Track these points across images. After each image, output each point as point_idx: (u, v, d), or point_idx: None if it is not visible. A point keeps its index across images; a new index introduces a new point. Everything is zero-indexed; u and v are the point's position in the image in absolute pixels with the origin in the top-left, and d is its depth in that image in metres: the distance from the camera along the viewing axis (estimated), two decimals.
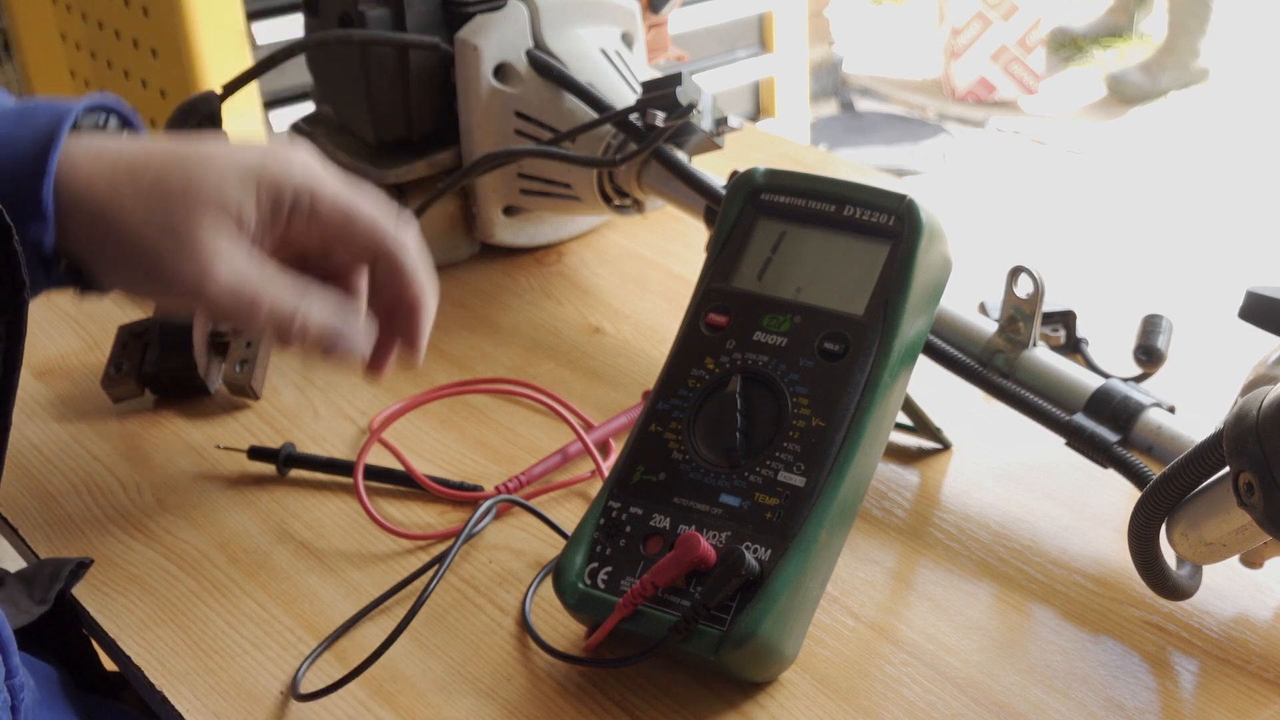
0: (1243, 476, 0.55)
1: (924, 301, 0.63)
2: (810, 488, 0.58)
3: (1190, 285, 0.93)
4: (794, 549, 0.57)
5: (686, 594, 0.58)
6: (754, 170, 0.66)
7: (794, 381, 0.60)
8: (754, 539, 0.58)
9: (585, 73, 0.92)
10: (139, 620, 0.68)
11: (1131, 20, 4.19)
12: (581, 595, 0.60)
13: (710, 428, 0.61)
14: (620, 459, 0.62)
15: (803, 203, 0.65)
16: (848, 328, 0.61)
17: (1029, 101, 3.81)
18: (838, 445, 0.58)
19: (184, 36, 1.91)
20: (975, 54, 3.81)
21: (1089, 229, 1.06)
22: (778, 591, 0.56)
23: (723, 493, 0.59)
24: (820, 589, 0.61)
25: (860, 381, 0.59)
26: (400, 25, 0.92)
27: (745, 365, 0.61)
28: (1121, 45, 4.14)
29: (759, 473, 0.59)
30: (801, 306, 0.62)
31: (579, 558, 0.61)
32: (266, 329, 0.61)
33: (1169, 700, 0.60)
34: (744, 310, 0.63)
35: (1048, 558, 0.69)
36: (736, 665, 0.58)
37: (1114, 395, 0.69)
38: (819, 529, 0.58)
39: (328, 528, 0.73)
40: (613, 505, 0.60)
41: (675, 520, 0.59)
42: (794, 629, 0.59)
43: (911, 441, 0.77)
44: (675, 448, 0.61)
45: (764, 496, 0.58)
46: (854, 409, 0.59)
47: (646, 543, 0.59)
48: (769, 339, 0.61)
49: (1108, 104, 3.81)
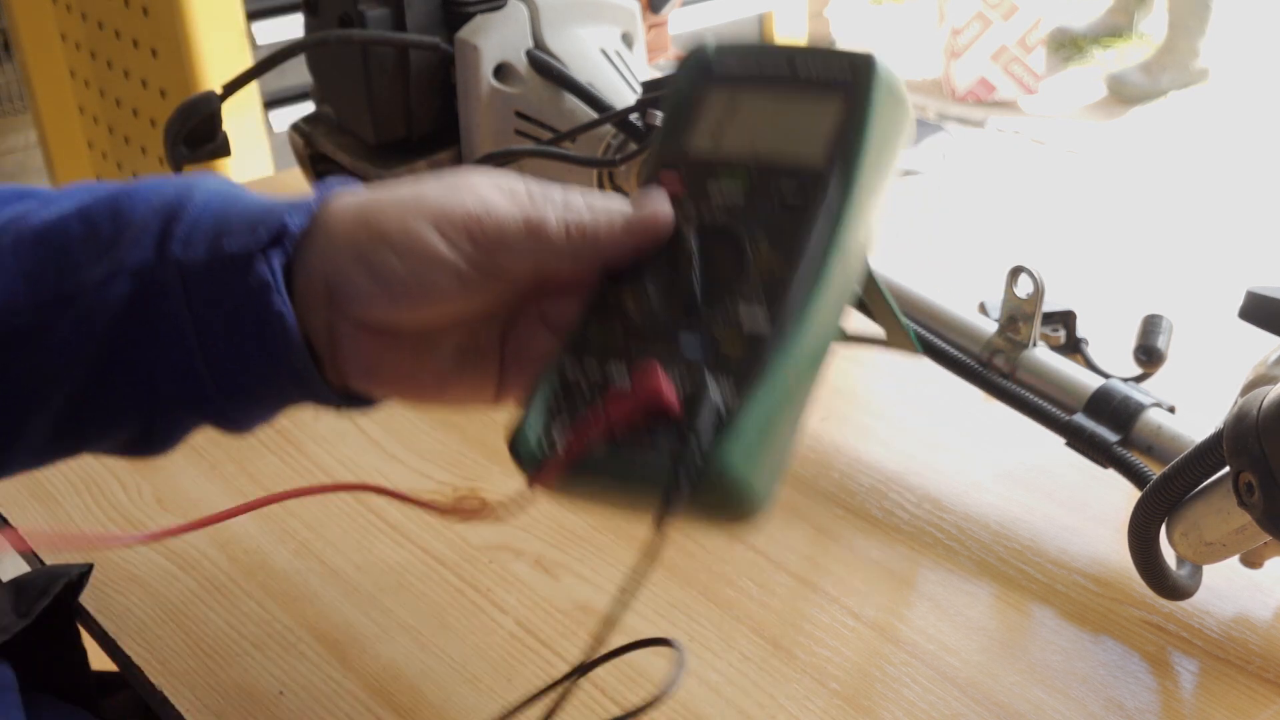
0: (1243, 476, 0.55)
1: (883, 151, 0.60)
2: (775, 330, 0.55)
3: (1190, 285, 0.93)
4: (760, 389, 0.53)
5: (648, 437, 0.54)
6: (706, 46, 0.63)
7: (753, 231, 0.57)
8: (718, 381, 0.54)
9: (585, 73, 0.92)
10: (139, 620, 0.68)
11: (1131, 20, 4.20)
12: (539, 461, 0.55)
13: (667, 282, 0.57)
14: (575, 323, 0.58)
15: (756, 66, 0.62)
16: (806, 178, 0.58)
17: (1029, 101, 3.81)
18: (801, 288, 0.55)
19: (184, 36, 1.91)
20: (975, 54, 3.81)
21: (1089, 229, 1.06)
22: (745, 426, 0.53)
23: (684, 341, 0.56)
24: (790, 437, 0.56)
25: (821, 226, 0.57)
26: (400, 25, 0.92)
27: (701, 220, 0.58)
28: (1121, 45, 4.14)
29: (719, 320, 0.56)
30: (758, 163, 0.59)
31: (537, 421, 0.56)
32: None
33: (1169, 700, 0.60)
34: (698, 172, 0.60)
35: (1048, 558, 0.69)
36: (706, 500, 0.53)
37: (1114, 395, 0.69)
38: (785, 369, 0.54)
39: (328, 528, 0.73)
40: (567, 362, 0.57)
41: (632, 367, 0.55)
42: (764, 466, 0.54)
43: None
44: (631, 303, 0.57)
45: (726, 343, 0.55)
46: (817, 253, 0.56)
47: (607, 398, 0.55)
48: (725, 195, 0.59)
49: (1108, 104, 3.81)
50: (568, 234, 0.55)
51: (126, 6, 2.04)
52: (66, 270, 0.56)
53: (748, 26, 2.57)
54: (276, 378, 0.56)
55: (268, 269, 0.54)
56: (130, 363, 0.56)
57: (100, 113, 2.31)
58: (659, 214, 0.56)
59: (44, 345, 0.56)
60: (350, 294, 0.55)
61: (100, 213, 0.57)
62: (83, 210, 0.57)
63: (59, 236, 0.57)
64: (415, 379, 0.58)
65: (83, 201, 0.58)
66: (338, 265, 0.55)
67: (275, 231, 0.54)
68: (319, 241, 0.55)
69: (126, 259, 0.55)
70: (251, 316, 0.54)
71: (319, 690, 0.63)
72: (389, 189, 0.56)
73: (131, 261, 0.55)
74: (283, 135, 1.86)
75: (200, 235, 0.55)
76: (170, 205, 0.56)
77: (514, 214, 0.54)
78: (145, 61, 2.06)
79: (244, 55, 1.94)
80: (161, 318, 0.55)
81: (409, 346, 0.57)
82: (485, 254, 0.54)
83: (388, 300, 0.54)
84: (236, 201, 0.57)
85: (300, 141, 1.01)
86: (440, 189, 0.55)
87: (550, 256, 0.55)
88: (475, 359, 0.59)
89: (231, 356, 0.55)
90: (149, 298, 0.55)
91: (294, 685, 0.63)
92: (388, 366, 0.57)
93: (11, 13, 2.32)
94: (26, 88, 2.42)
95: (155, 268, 0.55)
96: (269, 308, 0.54)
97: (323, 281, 0.55)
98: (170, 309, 0.55)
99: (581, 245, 0.55)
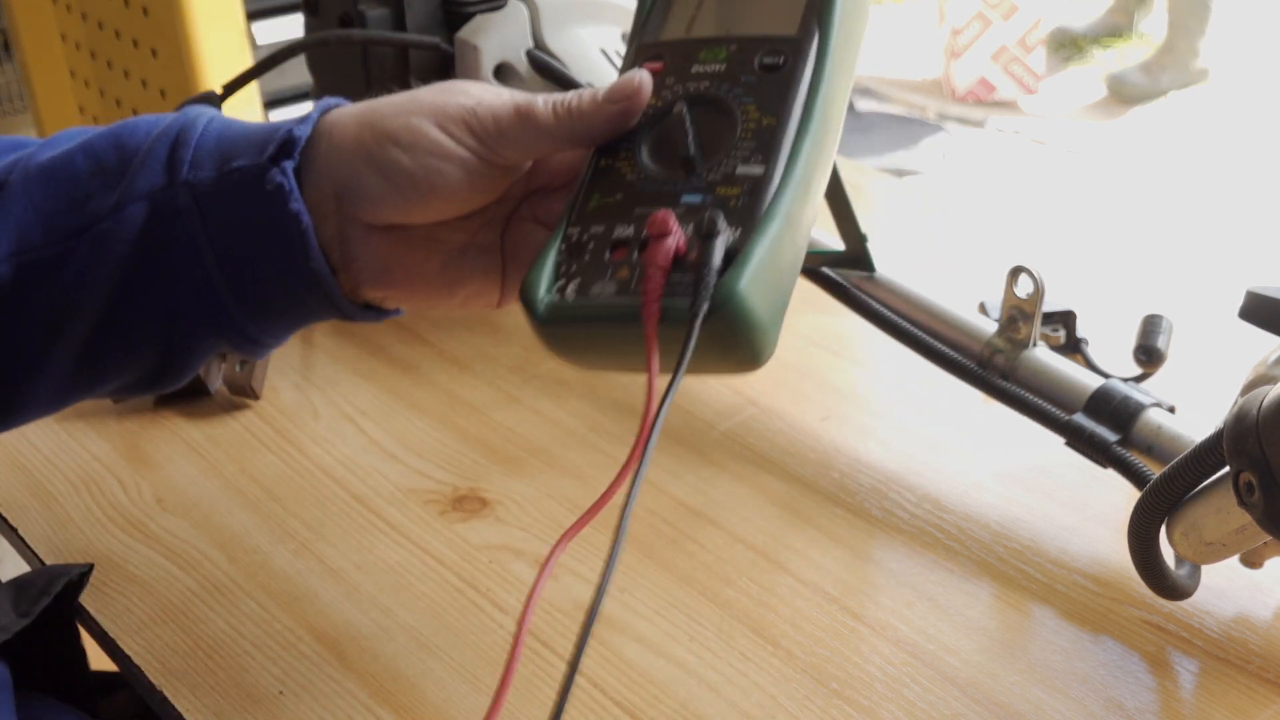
0: (1243, 476, 0.55)
1: (852, 14, 0.63)
2: (769, 172, 0.58)
3: (1190, 285, 0.93)
4: (763, 223, 0.57)
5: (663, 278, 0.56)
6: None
7: (739, 94, 0.61)
8: (723, 222, 0.57)
9: (585, 73, 0.92)
10: (139, 620, 0.68)
11: (1131, 20, 4.20)
12: (551, 306, 0.56)
13: (661, 147, 0.60)
14: (574, 196, 0.60)
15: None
16: (783, 45, 0.62)
17: (1029, 101, 3.81)
18: (791, 133, 0.59)
19: (184, 36, 1.91)
20: (975, 54, 3.81)
21: (1089, 229, 1.06)
22: (752, 256, 0.55)
23: (684, 194, 0.58)
24: (792, 273, 0.59)
25: (803, 80, 0.60)
26: (400, 25, 0.92)
27: (688, 92, 0.61)
28: (1121, 45, 4.14)
29: (717, 171, 0.59)
30: (734, 38, 0.63)
31: (544, 277, 0.57)
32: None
33: (1169, 700, 0.60)
34: (678, 54, 0.63)
35: (1048, 558, 0.69)
36: (714, 341, 0.55)
37: (1114, 395, 0.69)
38: (784, 206, 0.57)
39: (328, 527, 0.73)
40: (572, 231, 0.59)
41: (639, 228, 0.58)
42: (771, 298, 0.57)
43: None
44: (629, 172, 0.60)
45: (725, 189, 0.58)
46: (801, 103, 0.60)
47: (613, 253, 0.57)
48: (707, 68, 0.62)
49: (1108, 104, 3.81)
50: (555, 113, 0.57)
51: (126, 6, 2.04)
52: (78, 201, 0.57)
53: None
54: (295, 287, 0.57)
55: (281, 175, 0.55)
56: (149, 286, 0.57)
57: (100, 113, 2.31)
58: (636, 80, 0.59)
59: (62, 276, 0.56)
60: (361, 195, 0.56)
61: (103, 147, 0.58)
62: (85, 145, 0.58)
63: (66, 170, 0.58)
64: (426, 280, 0.59)
65: (83, 138, 0.59)
66: (348, 169, 0.56)
67: (282, 142, 0.56)
68: (324, 150, 0.57)
69: (137, 185, 0.56)
70: (268, 224, 0.55)
71: (319, 690, 0.63)
72: (386, 98, 0.59)
73: (142, 187, 0.56)
74: None
75: (206, 157, 0.57)
76: (174, 132, 0.58)
77: (505, 103, 0.57)
78: (145, 61, 2.06)
79: (244, 55, 1.94)
80: (177, 239, 0.56)
81: (419, 245, 0.59)
82: (485, 145, 0.57)
83: (399, 198, 0.56)
84: (237, 125, 0.59)
85: None
86: (434, 92, 0.58)
87: (544, 138, 0.58)
88: (479, 258, 0.60)
89: (249, 269, 0.56)
90: (163, 221, 0.56)
91: (294, 685, 0.63)
92: (399, 268, 0.58)
93: (11, 13, 2.32)
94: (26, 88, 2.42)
95: (167, 190, 0.56)
96: (285, 211, 0.55)
97: (332, 187, 0.56)
98: (185, 229, 0.56)
99: (569, 121, 0.58)
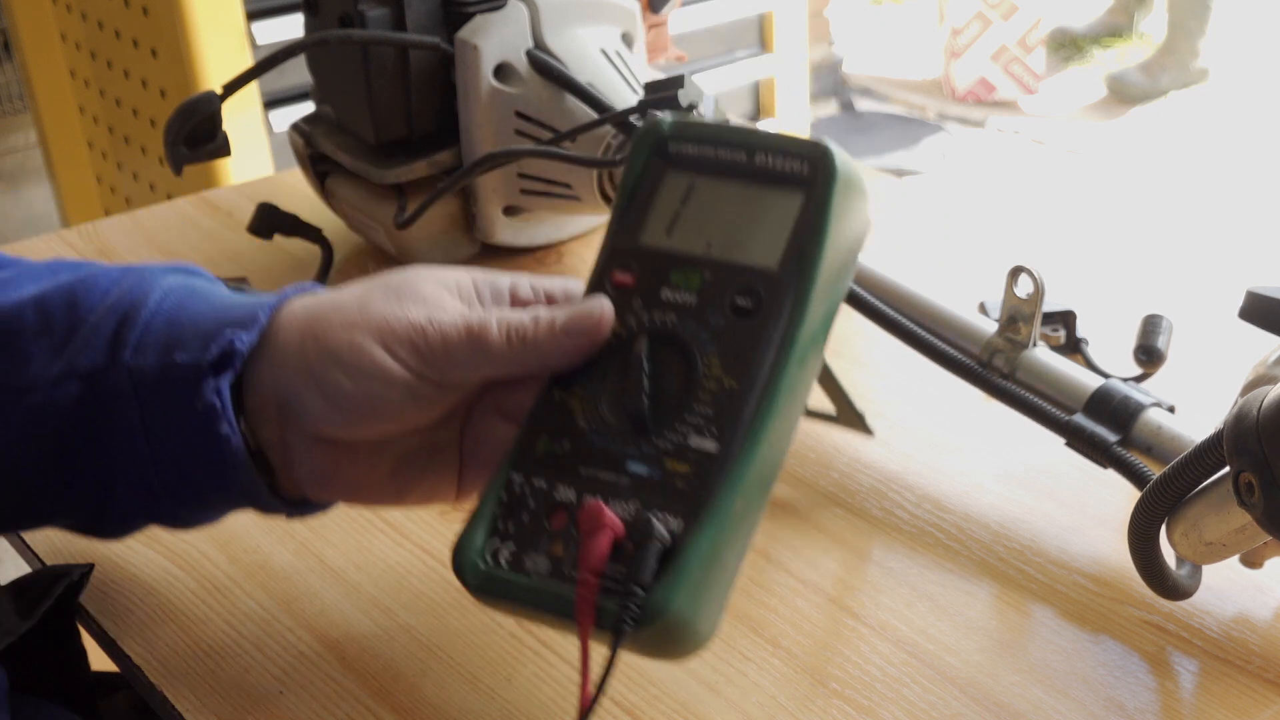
0: (1243, 476, 0.55)
1: (841, 254, 0.58)
2: (723, 453, 0.53)
3: (1190, 285, 0.93)
4: (708, 518, 0.52)
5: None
6: (660, 120, 0.61)
7: (704, 341, 0.56)
8: (664, 508, 0.53)
9: (585, 73, 0.92)
10: (139, 620, 0.68)
11: (1131, 20, 4.20)
12: (483, 575, 0.54)
13: (616, 392, 0.56)
14: (522, 428, 0.57)
15: (712, 152, 0.60)
16: (760, 282, 0.56)
17: (1029, 101, 3.81)
18: (752, 407, 0.54)
19: (184, 36, 1.91)
20: (975, 54, 3.81)
21: (1089, 229, 1.06)
22: (690, 563, 0.51)
23: (630, 460, 0.54)
24: (737, 562, 0.55)
25: (775, 339, 0.55)
26: (400, 25, 0.92)
27: (653, 325, 0.57)
28: (1121, 45, 4.14)
29: (668, 438, 0.54)
30: (711, 261, 0.57)
31: (479, 535, 0.55)
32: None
33: (1169, 700, 0.60)
34: (651, 267, 0.58)
35: (1048, 558, 0.69)
36: (650, 643, 0.53)
37: (1114, 395, 0.69)
38: (734, 496, 0.53)
39: (328, 528, 0.73)
40: (515, 478, 0.56)
41: (581, 492, 0.54)
42: (710, 604, 0.53)
43: (835, 433, 0.77)
44: (580, 414, 0.56)
45: (674, 463, 0.54)
46: (769, 369, 0.54)
47: (551, 518, 0.54)
48: (678, 296, 0.57)
49: (1108, 104, 3.82)
50: (508, 340, 0.55)
51: (126, 6, 2.04)
52: (19, 361, 0.57)
53: (748, 27, 2.57)
54: (225, 491, 0.57)
55: (215, 393, 0.54)
56: (83, 461, 0.57)
57: (100, 113, 2.31)
58: (597, 313, 0.56)
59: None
60: (301, 411, 0.55)
61: (57, 304, 0.58)
62: (39, 300, 0.58)
63: (15, 323, 0.57)
64: (372, 487, 0.58)
65: (41, 288, 0.58)
66: (288, 383, 0.55)
67: (224, 349, 0.55)
68: (269, 358, 0.56)
69: (79, 360, 0.56)
70: (200, 436, 0.55)
71: (319, 690, 0.63)
72: (337, 296, 0.57)
73: (84, 364, 0.56)
74: (283, 135, 1.86)
75: (152, 342, 0.56)
76: (125, 306, 0.57)
77: (457, 324, 0.55)
78: (145, 61, 2.06)
79: (244, 55, 1.94)
80: (115, 422, 0.56)
81: (364, 457, 0.57)
82: (431, 367, 0.55)
83: (339, 417, 0.55)
84: (191, 305, 0.57)
85: (300, 141, 1.01)
86: (385, 297, 0.56)
87: (494, 364, 0.55)
88: (433, 460, 0.59)
89: (181, 468, 0.56)
90: (101, 401, 0.56)
91: (294, 685, 0.63)
92: (342, 477, 0.57)
93: (11, 13, 2.32)
94: (26, 88, 2.42)
95: (108, 371, 0.56)
96: (216, 432, 0.54)
97: (274, 398, 0.56)
98: (124, 413, 0.56)
99: (523, 351, 0.55)
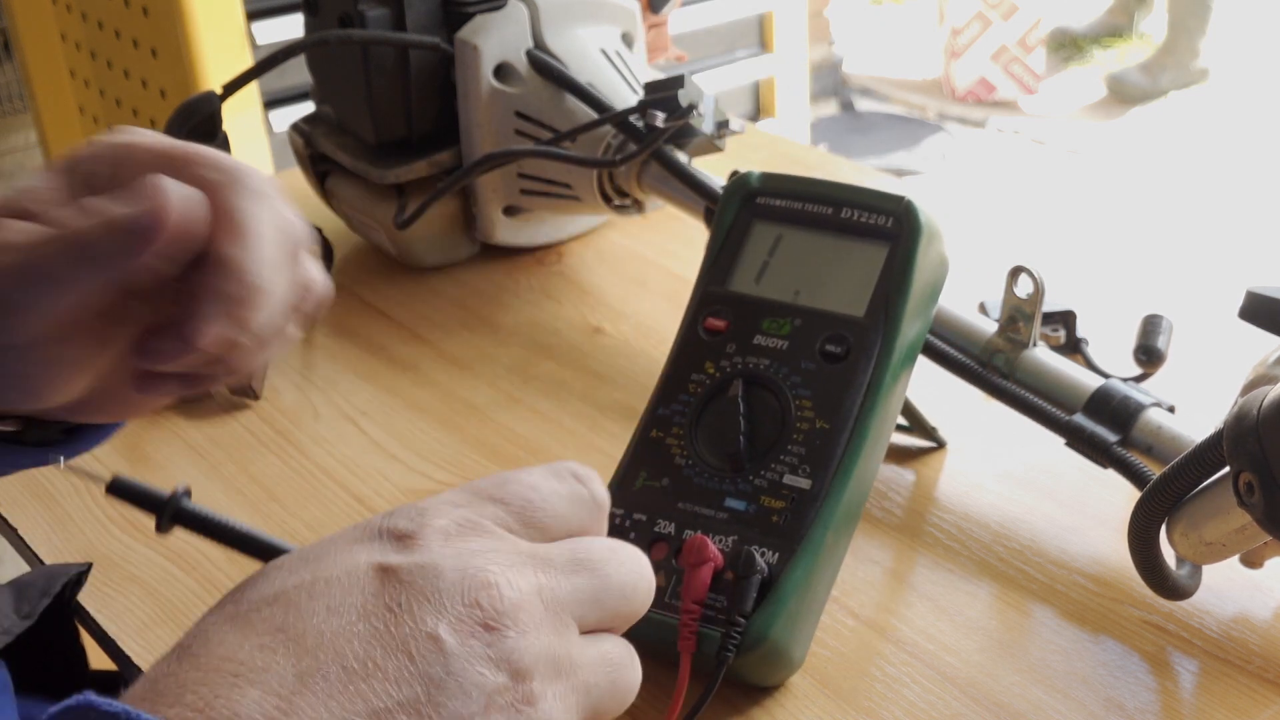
0: (1243, 476, 0.55)
1: (923, 302, 0.63)
2: (816, 490, 0.58)
3: (1190, 285, 0.93)
4: (802, 552, 0.57)
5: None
6: (749, 174, 0.66)
7: (796, 384, 0.60)
8: (761, 542, 0.57)
9: (585, 73, 0.92)
10: (139, 620, 0.68)
11: (1131, 20, 4.20)
12: None
13: (713, 432, 0.60)
14: (621, 465, 0.61)
15: (799, 205, 0.64)
16: (849, 329, 0.61)
17: (1029, 101, 3.81)
18: (842, 447, 0.58)
19: (184, 36, 1.91)
20: (975, 54, 3.81)
21: (1089, 229, 1.06)
22: (787, 594, 0.56)
23: (728, 497, 0.59)
24: (826, 592, 0.60)
25: (863, 383, 0.59)
26: (400, 25, 0.92)
27: (746, 369, 0.61)
28: (1121, 45, 4.14)
29: (764, 476, 0.58)
30: (801, 309, 0.62)
31: None
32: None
33: (1169, 700, 0.60)
34: (743, 314, 0.63)
35: (1048, 558, 0.69)
36: (746, 669, 0.58)
37: (1114, 395, 0.69)
38: (826, 531, 0.58)
39: (328, 528, 0.73)
40: (615, 512, 0.59)
41: (680, 525, 0.59)
42: (802, 632, 0.59)
43: (907, 441, 0.77)
44: (678, 453, 0.60)
45: (770, 500, 0.58)
46: (857, 410, 0.59)
47: (651, 549, 0.58)
48: (769, 342, 0.61)
49: (1108, 104, 3.81)
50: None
51: (126, 6, 2.04)
52: None
53: (748, 27, 2.57)
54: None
55: None
56: None
57: (100, 113, 2.31)
58: (150, 212, 0.47)
59: None
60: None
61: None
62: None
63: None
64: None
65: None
66: None
67: None
68: None
69: None
70: None
71: None
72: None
73: None
74: (283, 135, 1.86)
75: None
76: None
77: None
78: (145, 61, 2.06)
79: (244, 55, 1.94)
80: None
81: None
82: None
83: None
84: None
85: (300, 141, 1.01)
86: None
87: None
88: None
89: None
90: None
91: None
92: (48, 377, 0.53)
93: (11, 13, 2.32)
94: (26, 88, 2.42)
95: None
96: None
97: None
98: None
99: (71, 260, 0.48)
